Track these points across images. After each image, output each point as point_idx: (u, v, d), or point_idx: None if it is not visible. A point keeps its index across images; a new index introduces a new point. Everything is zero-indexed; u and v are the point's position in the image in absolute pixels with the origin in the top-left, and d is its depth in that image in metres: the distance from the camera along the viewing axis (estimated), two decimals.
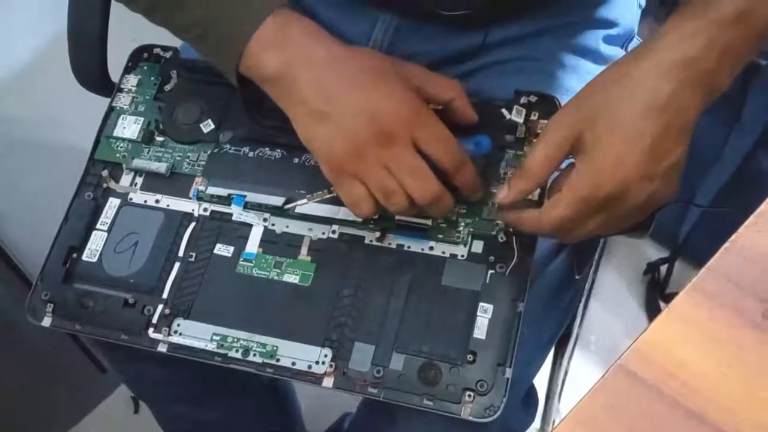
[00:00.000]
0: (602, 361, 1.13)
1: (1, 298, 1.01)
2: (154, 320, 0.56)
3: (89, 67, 0.70)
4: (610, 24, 0.66)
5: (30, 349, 1.06)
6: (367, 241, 0.56)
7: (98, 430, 1.12)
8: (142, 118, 0.62)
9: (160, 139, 0.61)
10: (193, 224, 0.58)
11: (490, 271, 0.54)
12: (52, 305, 0.57)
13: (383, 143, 0.49)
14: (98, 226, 0.59)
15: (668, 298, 1.17)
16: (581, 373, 1.01)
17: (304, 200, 0.56)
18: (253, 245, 0.57)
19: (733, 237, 0.42)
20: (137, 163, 0.60)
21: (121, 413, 1.12)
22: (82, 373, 1.11)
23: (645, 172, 0.46)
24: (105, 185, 0.60)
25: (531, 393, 0.64)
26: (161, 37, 0.66)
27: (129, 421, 1.12)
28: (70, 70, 0.71)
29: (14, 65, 0.98)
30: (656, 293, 1.18)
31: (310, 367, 0.53)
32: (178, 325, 0.55)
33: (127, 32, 0.71)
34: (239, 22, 0.51)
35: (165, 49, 0.65)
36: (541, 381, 0.68)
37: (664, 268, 1.17)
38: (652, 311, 1.18)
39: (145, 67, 0.64)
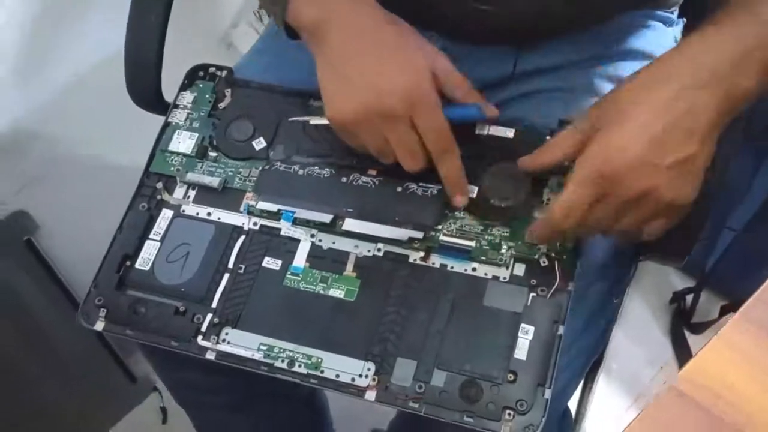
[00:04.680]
0: (624, 388, 1.13)
1: (41, 309, 1.03)
2: (203, 328, 0.57)
3: (145, 86, 0.72)
4: (647, 56, 0.68)
5: (61, 357, 1.08)
6: (411, 260, 0.58)
7: None
8: (197, 134, 0.64)
9: (213, 154, 0.63)
10: (242, 237, 0.60)
11: (532, 294, 0.55)
12: (105, 310, 0.59)
13: (385, 119, 0.54)
14: (151, 236, 0.61)
15: (694, 328, 1.17)
16: (602, 400, 1.01)
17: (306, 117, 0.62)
18: (300, 260, 0.59)
19: None
20: (191, 176, 0.62)
21: (150, 423, 1.13)
22: (112, 382, 1.13)
23: (647, 159, 0.48)
24: (159, 197, 0.62)
25: (566, 415, 0.65)
26: (212, 57, 0.69)
27: (158, 431, 1.13)
28: (113, 89, 0.73)
29: (58, 83, 1.00)
30: (681, 322, 1.18)
31: (353, 379, 0.54)
32: (227, 334, 0.57)
33: (180, 52, 0.73)
34: None
35: (220, 68, 0.67)
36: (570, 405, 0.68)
37: (690, 298, 1.17)
38: (677, 340, 1.17)
39: (201, 85, 0.66)
